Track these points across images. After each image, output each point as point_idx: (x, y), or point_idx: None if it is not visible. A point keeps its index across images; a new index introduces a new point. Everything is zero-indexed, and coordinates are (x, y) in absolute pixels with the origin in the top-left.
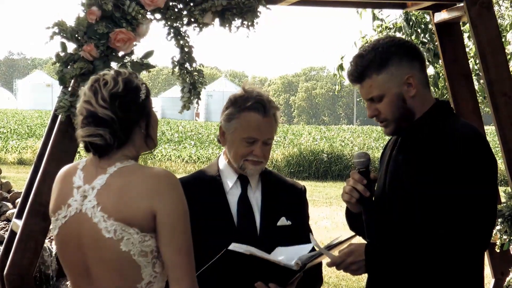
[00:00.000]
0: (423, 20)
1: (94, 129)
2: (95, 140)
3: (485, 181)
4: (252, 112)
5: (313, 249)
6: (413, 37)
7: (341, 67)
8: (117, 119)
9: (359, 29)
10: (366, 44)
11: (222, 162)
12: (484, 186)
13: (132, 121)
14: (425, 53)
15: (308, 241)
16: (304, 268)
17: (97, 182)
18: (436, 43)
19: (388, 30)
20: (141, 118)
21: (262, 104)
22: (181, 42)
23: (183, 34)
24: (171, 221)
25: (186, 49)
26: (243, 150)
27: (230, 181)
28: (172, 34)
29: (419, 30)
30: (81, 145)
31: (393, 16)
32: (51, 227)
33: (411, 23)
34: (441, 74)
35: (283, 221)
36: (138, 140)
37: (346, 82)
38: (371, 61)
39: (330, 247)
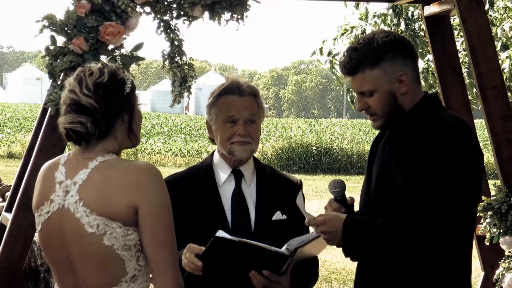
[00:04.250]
0: (408, 10)
1: (76, 116)
2: (75, 127)
3: (467, 168)
4: (227, 95)
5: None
6: (399, 28)
7: (321, 51)
8: (99, 108)
9: (344, 15)
10: (362, 36)
11: (216, 156)
12: (465, 173)
13: (115, 112)
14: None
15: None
16: (295, 253)
17: (79, 177)
18: (420, 34)
19: (374, 18)
20: (124, 110)
21: (236, 85)
22: (171, 35)
23: (173, 27)
24: (152, 215)
25: (176, 43)
26: (226, 133)
27: (223, 175)
28: (162, 28)
29: (404, 21)
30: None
31: (377, 8)
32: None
33: (396, 10)
34: (430, 68)
35: (278, 216)
36: (120, 133)
37: (322, 59)
38: (366, 56)
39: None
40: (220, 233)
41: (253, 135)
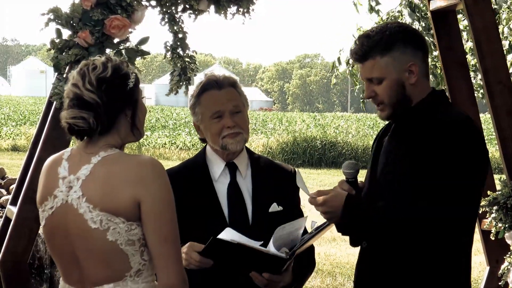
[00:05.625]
0: (421, 8)
1: (78, 111)
2: (78, 122)
3: (471, 165)
4: (207, 91)
5: (304, 232)
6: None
7: (338, 60)
8: (102, 104)
9: (355, 22)
10: (375, 26)
11: (209, 151)
12: (469, 171)
13: (117, 108)
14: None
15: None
16: (294, 255)
17: (81, 172)
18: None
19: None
20: (127, 105)
21: (214, 80)
22: (175, 27)
23: (177, 19)
24: (155, 209)
25: (180, 35)
26: (215, 128)
27: (218, 169)
28: (166, 20)
29: (417, 16)
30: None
31: (390, 8)
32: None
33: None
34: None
35: (274, 207)
36: (124, 128)
37: (341, 69)
38: (377, 43)
39: (319, 228)
40: (227, 232)
41: (242, 125)
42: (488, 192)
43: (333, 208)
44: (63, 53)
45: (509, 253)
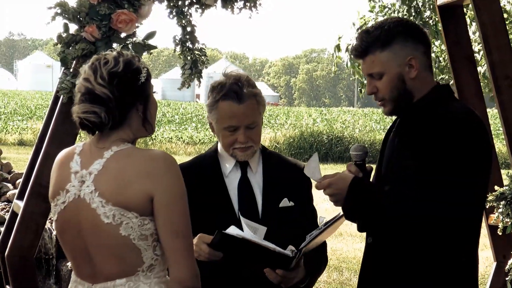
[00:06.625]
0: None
1: (90, 106)
2: (89, 117)
3: (474, 160)
4: (226, 101)
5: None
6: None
7: (338, 48)
8: (113, 98)
9: (357, 9)
10: (374, 22)
11: (220, 147)
12: (472, 165)
13: (129, 102)
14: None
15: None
16: (301, 253)
17: (94, 167)
18: (432, 24)
19: (385, 10)
20: (138, 100)
21: (235, 91)
22: (183, 21)
23: (185, 13)
24: (167, 203)
25: (188, 28)
26: (228, 139)
27: (229, 165)
28: (174, 13)
29: (412, 10)
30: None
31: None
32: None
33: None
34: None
35: (285, 202)
36: (135, 123)
37: (344, 64)
38: (376, 38)
39: (327, 224)
40: (231, 230)
41: (255, 138)
42: (495, 187)
43: (338, 190)
44: (70, 48)
45: None
